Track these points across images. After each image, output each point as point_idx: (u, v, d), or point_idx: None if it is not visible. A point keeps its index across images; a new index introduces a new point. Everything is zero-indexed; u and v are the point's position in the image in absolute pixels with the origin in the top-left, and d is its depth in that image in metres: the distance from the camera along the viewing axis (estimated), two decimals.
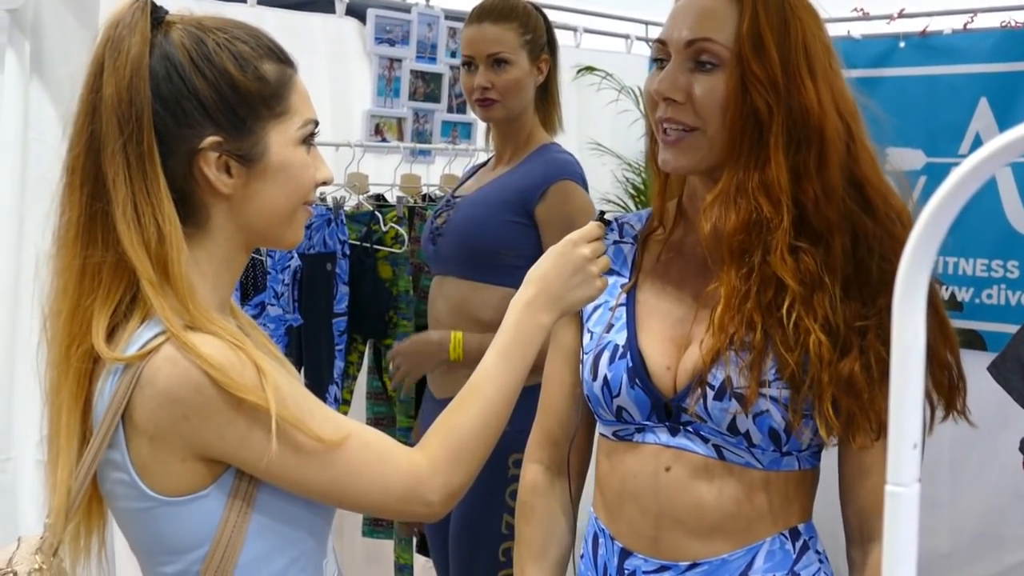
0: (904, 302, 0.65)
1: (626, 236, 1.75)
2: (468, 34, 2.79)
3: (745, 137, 1.51)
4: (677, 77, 1.53)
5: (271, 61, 1.40)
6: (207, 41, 1.36)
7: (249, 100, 1.37)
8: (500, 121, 2.80)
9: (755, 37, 1.50)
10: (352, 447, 1.36)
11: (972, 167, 0.60)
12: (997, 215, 3.91)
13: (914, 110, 3.98)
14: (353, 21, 3.81)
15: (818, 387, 1.49)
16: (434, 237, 2.82)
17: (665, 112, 1.54)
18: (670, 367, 1.59)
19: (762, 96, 1.49)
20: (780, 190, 1.50)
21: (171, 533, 1.35)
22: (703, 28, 1.53)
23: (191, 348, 1.27)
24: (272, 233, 1.44)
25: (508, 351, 1.49)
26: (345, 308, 3.31)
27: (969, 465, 3.98)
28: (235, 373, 1.28)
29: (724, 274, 1.54)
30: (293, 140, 1.40)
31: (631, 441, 1.62)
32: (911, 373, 0.65)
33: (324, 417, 1.36)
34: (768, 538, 1.58)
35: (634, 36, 4.78)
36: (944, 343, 1.54)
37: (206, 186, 1.37)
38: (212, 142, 1.34)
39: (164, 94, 1.33)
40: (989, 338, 3.85)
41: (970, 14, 3.97)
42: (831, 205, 1.51)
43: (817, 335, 1.48)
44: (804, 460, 1.59)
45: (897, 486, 0.66)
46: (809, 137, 1.51)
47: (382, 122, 3.87)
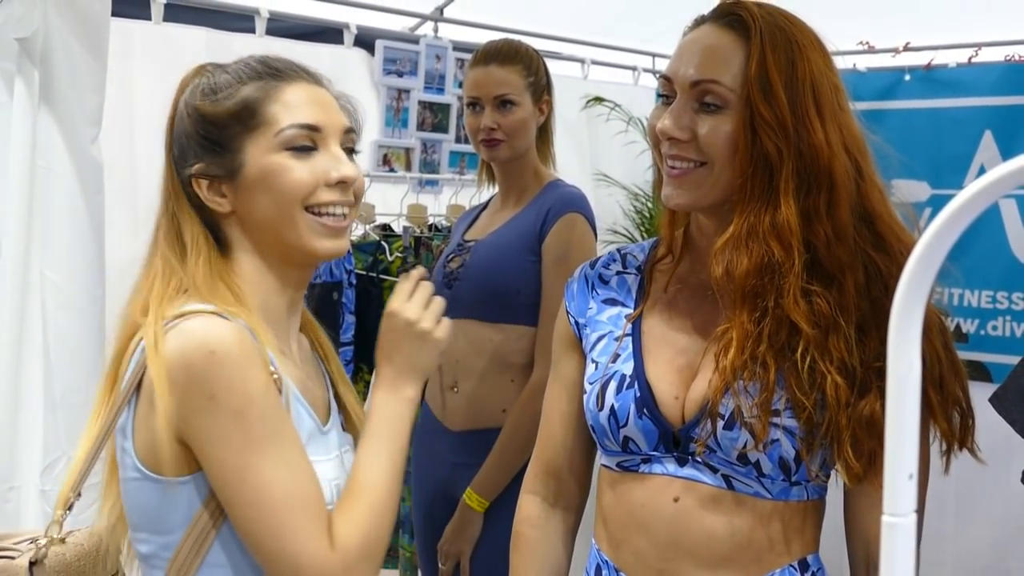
0: (899, 332, 0.65)
1: (629, 267, 1.75)
2: (474, 76, 2.83)
3: (755, 180, 1.51)
4: (681, 116, 1.54)
5: (253, 81, 1.48)
6: (198, 83, 1.50)
7: (217, 122, 1.46)
8: (504, 161, 2.82)
9: (763, 80, 1.50)
10: (284, 489, 1.34)
11: (964, 201, 0.61)
12: (1002, 247, 3.91)
13: (919, 142, 3.99)
14: (361, 52, 3.83)
15: (836, 430, 1.49)
16: (449, 282, 2.82)
17: (670, 149, 1.55)
18: (678, 397, 1.58)
19: (771, 139, 1.49)
20: (791, 233, 1.49)
21: (148, 510, 1.39)
22: (709, 69, 1.53)
23: (197, 326, 1.34)
24: (281, 240, 1.48)
25: (378, 434, 1.48)
26: (351, 337, 3.31)
27: (974, 498, 3.96)
28: (233, 367, 1.33)
29: (736, 317, 1.53)
30: (271, 147, 1.46)
31: (637, 472, 1.61)
32: (906, 403, 0.66)
33: (294, 460, 1.37)
34: (777, 570, 1.57)
35: (641, 68, 4.80)
36: (954, 378, 1.53)
37: (212, 210, 1.48)
38: (196, 168, 1.47)
39: (176, 142, 1.51)
40: (994, 369, 3.84)
41: (975, 48, 3.99)
42: (843, 246, 1.51)
43: (834, 378, 1.48)
44: (812, 490, 1.59)
45: (894, 516, 0.66)
46: (819, 179, 1.50)
47: (390, 152, 3.88)
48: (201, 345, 1.32)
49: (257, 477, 1.32)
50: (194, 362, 1.31)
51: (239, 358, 1.33)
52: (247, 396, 1.32)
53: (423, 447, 2.91)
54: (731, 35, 1.54)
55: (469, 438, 2.77)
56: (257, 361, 1.35)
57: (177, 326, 1.35)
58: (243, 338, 1.35)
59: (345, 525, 1.39)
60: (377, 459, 1.46)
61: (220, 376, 1.31)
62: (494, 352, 2.75)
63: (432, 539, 2.84)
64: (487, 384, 2.76)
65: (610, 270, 1.75)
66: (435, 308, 1.56)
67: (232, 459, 1.32)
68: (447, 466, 2.81)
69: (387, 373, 1.52)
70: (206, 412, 1.31)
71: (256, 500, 1.33)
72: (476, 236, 2.86)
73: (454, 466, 2.80)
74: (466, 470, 2.75)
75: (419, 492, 2.94)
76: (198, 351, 1.32)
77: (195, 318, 1.35)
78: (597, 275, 1.76)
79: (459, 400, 2.79)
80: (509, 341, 2.74)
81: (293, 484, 1.35)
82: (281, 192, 1.45)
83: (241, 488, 1.33)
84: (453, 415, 2.81)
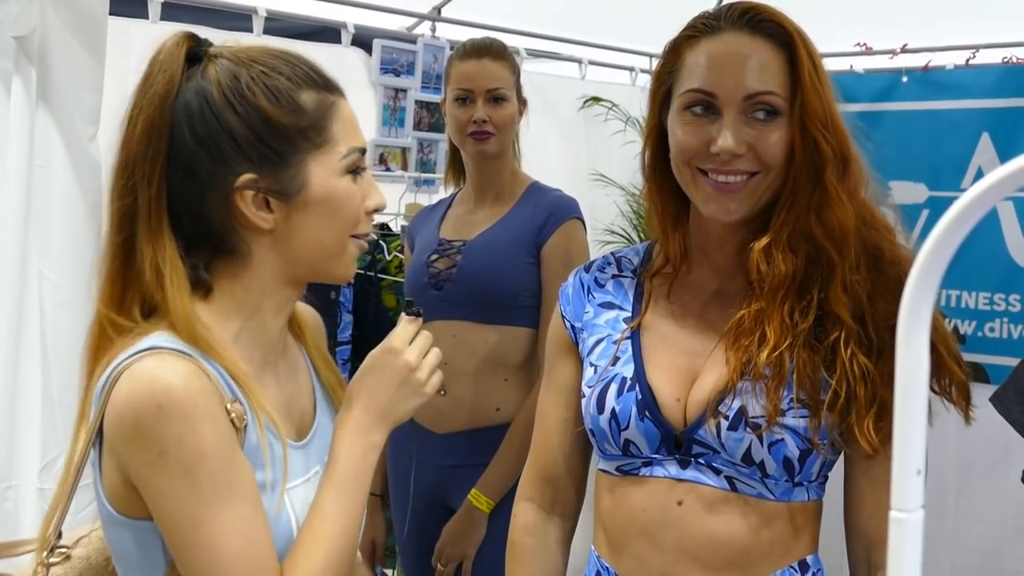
0: (908, 330, 0.65)
1: (624, 270, 1.74)
2: (467, 69, 2.81)
3: (805, 180, 1.52)
4: (739, 131, 1.52)
5: (311, 90, 1.38)
6: (241, 76, 1.35)
7: (285, 133, 1.34)
8: (490, 157, 2.81)
9: (813, 83, 1.52)
10: (234, 546, 1.28)
11: (976, 196, 0.61)
12: (999, 249, 3.91)
13: (916, 144, 3.99)
14: (359, 51, 3.83)
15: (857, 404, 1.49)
16: (438, 283, 2.80)
17: (725, 165, 1.53)
18: (680, 399, 1.58)
19: (825, 139, 1.51)
20: (842, 228, 1.52)
21: (125, 548, 1.34)
22: (761, 81, 1.52)
23: (148, 372, 1.25)
24: (322, 267, 1.41)
25: (343, 483, 1.39)
26: (349, 336, 3.31)
27: (972, 498, 3.97)
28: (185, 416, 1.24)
29: (775, 311, 1.53)
30: (337, 170, 1.37)
31: (637, 475, 1.60)
32: (915, 398, 0.66)
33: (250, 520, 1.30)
34: (778, 571, 1.57)
35: (639, 68, 4.80)
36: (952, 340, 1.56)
37: (246, 223, 1.35)
38: (247, 180, 1.33)
39: (198, 131, 1.33)
40: (992, 371, 3.84)
41: (972, 50, 3.99)
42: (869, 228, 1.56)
43: (859, 359, 1.50)
44: (813, 491, 1.59)
45: (901, 512, 0.66)
46: (848, 165, 1.55)
47: (387, 151, 3.88)
48: (150, 396, 1.23)
49: (207, 534, 1.25)
50: (143, 414, 1.23)
51: (190, 411, 1.24)
52: (198, 450, 1.24)
53: (401, 454, 2.87)
54: (768, 42, 1.54)
55: (462, 440, 2.76)
56: (210, 408, 1.26)
57: (130, 367, 1.26)
58: (194, 384, 1.25)
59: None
60: (338, 511, 1.37)
61: (169, 431, 1.23)
62: (487, 353, 2.74)
63: (424, 544, 2.81)
64: (479, 385, 2.75)
65: (605, 274, 1.75)
66: (432, 360, 1.48)
67: (181, 514, 1.25)
68: (436, 470, 2.79)
69: (361, 409, 1.43)
70: (155, 467, 1.24)
71: (206, 557, 1.26)
72: (457, 236, 2.84)
73: (445, 469, 2.78)
74: (461, 472, 2.74)
75: (402, 500, 2.90)
76: (147, 403, 1.23)
77: (150, 358, 1.26)
78: (593, 279, 1.75)
79: (448, 403, 2.75)
80: (505, 342, 2.74)
81: (244, 541, 1.27)
82: (342, 218, 1.38)
83: (190, 544, 1.26)
84: (442, 419, 2.79)
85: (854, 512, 1.61)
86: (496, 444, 2.71)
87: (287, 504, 1.37)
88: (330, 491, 1.38)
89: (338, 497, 1.38)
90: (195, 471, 1.24)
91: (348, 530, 1.37)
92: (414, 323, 1.49)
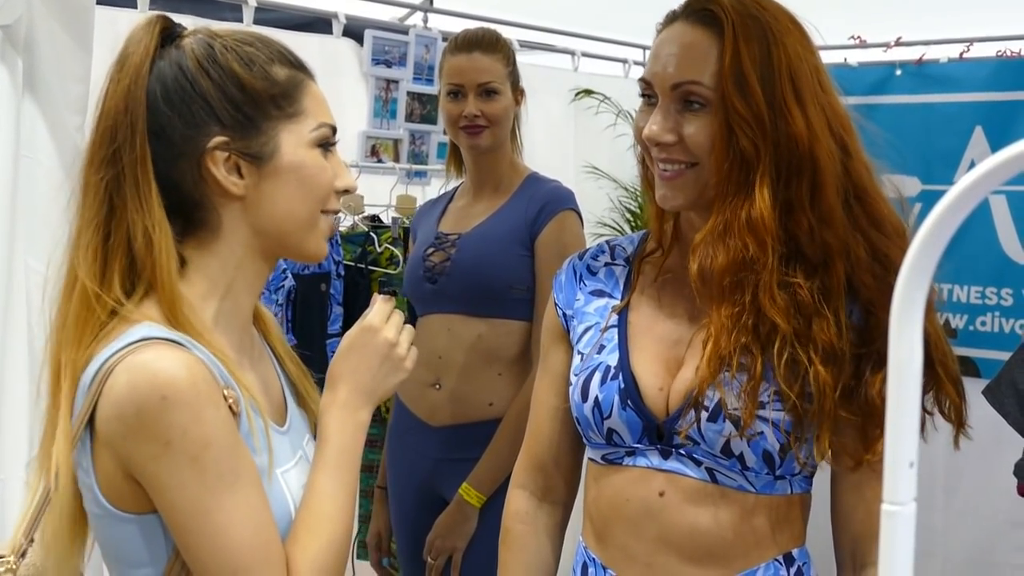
0: (901, 318, 0.64)
1: (617, 258, 1.74)
2: (457, 63, 2.80)
3: (732, 176, 1.50)
4: (666, 119, 1.52)
5: (282, 65, 1.39)
6: (215, 44, 1.37)
7: (256, 98, 1.36)
8: (484, 150, 2.80)
9: (737, 76, 1.48)
10: (242, 533, 1.28)
11: (969, 184, 0.59)
12: (991, 243, 3.91)
13: (910, 138, 3.99)
14: (350, 42, 3.81)
15: (821, 416, 1.48)
16: (433, 276, 2.79)
17: (659, 153, 1.54)
18: (662, 388, 1.57)
19: (748, 136, 1.48)
20: (765, 230, 1.48)
21: (123, 544, 1.32)
22: (687, 70, 1.51)
23: (148, 364, 1.24)
24: (292, 240, 1.41)
25: (337, 463, 1.41)
26: (339, 329, 3.30)
27: (963, 491, 3.98)
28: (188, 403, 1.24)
29: (715, 313, 1.52)
30: (307, 141, 1.38)
31: (621, 465, 1.60)
32: (907, 391, 0.64)
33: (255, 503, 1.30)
34: (762, 564, 1.56)
35: (632, 61, 4.79)
36: (952, 357, 1.54)
37: (216, 188, 1.36)
38: (218, 141, 1.34)
39: (172, 97, 1.34)
40: (983, 365, 3.84)
41: (966, 43, 3.99)
42: (829, 230, 1.50)
43: (817, 368, 1.47)
44: (797, 484, 1.58)
45: (893, 505, 0.65)
46: (801, 167, 1.49)
47: (378, 143, 3.87)
48: (152, 388, 1.23)
49: (214, 522, 1.26)
50: (146, 407, 1.22)
51: (194, 399, 1.24)
52: (203, 439, 1.24)
53: (401, 446, 2.88)
54: (705, 31, 1.52)
55: (455, 433, 2.76)
56: (212, 396, 1.26)
57: (125, 359, 1.25)
58: (196, 373, 1.26)
59: (304, 563, 1.33)
60: (336, 490, 1.39)
61: (174, 421, 1.23)
62: (481, 346, 2.73)
63: (416, 536, 2.81)
64: (472, 378, 2.74)
65: (599, 261, 1.74)
66: (408, 336, 1.50)
67: (188, 504, 1.26)
68: (430, 463, 2.79)
69: (346, 389, 1.44)
70: (161, 459, 1.23)
71: (213, 544, 1.27)
72: (455, 229, 2.83)
73: (438, 462, 2.78)
74: (453, 465, 2.74)
75: (399, 491, 2.91)
76: (150, 395, 1.22)
77: (146, 349, 1.25)
78: (585, 266, 1.75)
79: (442, 396, 2.77)
80: (498, 335, 2.73)
81: (251, 527, 1.28)
82: (312, 189, 1.38)
83: (198, 533, 1.26)
84: (436, 412, 2.79)
85: (839, 506, 1.61)
86: (488, 438, 2.70)
87: (283, 486, 1.38)
88: (325, 471, 1.40)
89: (333, 477, 1.39)
90: (201, 460, 1.25)
91: (346, 508, 1.39)
92: (389, 302, 1.51)
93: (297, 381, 1.56)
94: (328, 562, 1.35)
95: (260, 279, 1.45)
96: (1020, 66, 3.89)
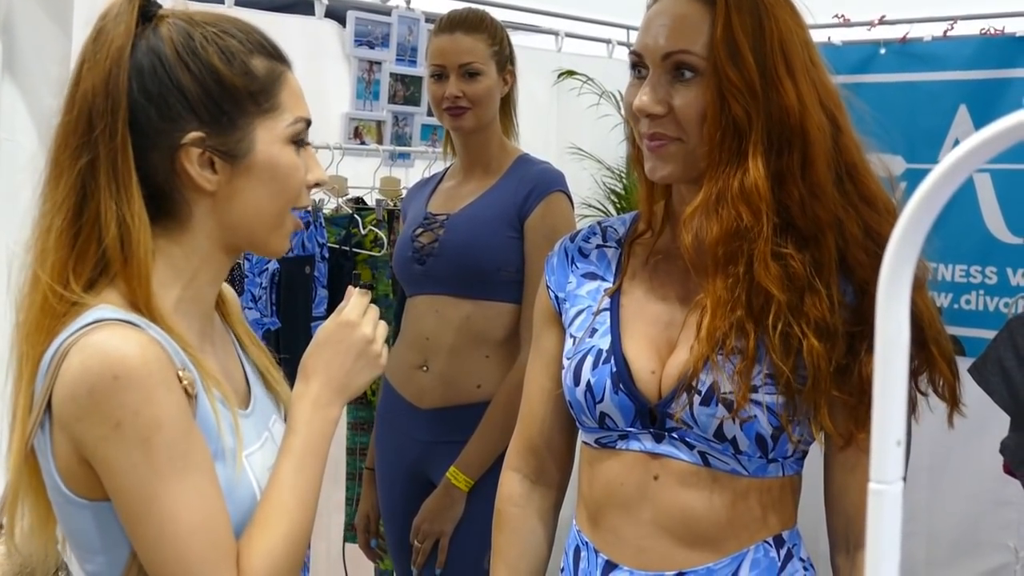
0: (888, 294, 0.63)
1: (609, 240, 1.73)
2: (439, 44, 2.79)
3: (725, 146, 1.49)
4: (657, 90, 1.51)
5: (261, 57, 1.37)
6: (195, 35, 1.34)
7: (234, 94, 1.34)
8: (469, 131, 2.79)
9: (730, 44, 1.47)
10: (191, 519, 1.25)
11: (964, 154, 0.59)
12: (976, 222, 3.92)
13: (894, 116, 3.99)
14: (332, 23, 3.78)
15: (816, 392, 1.48)
16: (421, 257, 2.78)
17: (648, 127, 1.53)
18: (655, 372, 1.56)
19: (740, 104, 1.47)
20: (759, 198, 1.47)
21: (84, 531, 1.30)
22: (679, 39, 1.50)
23: (100, 343, 1.22)
24: (258, 236, 1.40)
25: (303, 457, 1.38)
26: (324, 312, 3.28)
27: (948, 471, 3.99)
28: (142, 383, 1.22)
29: (710, 284, 1.51)
30: (281, 138, 1.37)
31: (614, 448, 1.60)
32: (895, 368, 0.64)
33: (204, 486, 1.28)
34: (753, 546, 1.56)
35: (615, 41, 4.77)
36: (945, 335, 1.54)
37: (188, 182, 1.34)
38: (194, 137, 1.32)
39: (148, 87, 1.31)
40: (968, 344, 3.85)
41: (950, 21, 3.99)
42: (820, 203, 1.49)
43: (810, 341, 1.46)
44: (788, 467, 1.58)
45: (880, 484, 0.64)
46: (791, 139, 1.49)
47: (361, 125, 3.85)
48: (104, 368, 1.21)
49: (163, 507, 1.23)
50: (98, 387, 1.20)
51: (146, 378, 1.22)
52: (155, 421, 1.22)
53: (389, 428, 2.88)
54: (697, 3, 1.51)
55: (443, 416, 2.75)
56: (165, 377, 1.24)
57: (79, 341, 1.23)
58: (149, 353, 1.23)
59: (256, 556, 1.30)
60: (297, 481, 1.36)
61: (126, 401, 1.21)
62: (469, 328, 2.72)
63: (404, 519, 2.81)
64: (460, 360, 2.73)
65: (590, 243, 1.74)
66: (383, 331, 1.48)
67: (138, 488, 1.23)
68: (418, 446, 2.79)
69: (319, 384, 1.42)
70: (111, 440, 1.21)
71: (161, 530, 1.24)
72: (444, 210, 2.82)
73: (427, 445, 2.78)
74: (441, 448, 2.73)
75: (387, 474, 2.91)
76: (102, 375, 1.20)
77: (99, 330, 1.23)
78: (577, 249, 1.74)
79: (430, 378, 2.76)
80: (486, 317, 2.72)
81: (200, 513, 1.25)
82: (283, 187, 1.37)
83: (146, 518, 1.24)
84: (424, 394, 2.78)
85: (832, 485, 1.60)
86: (476, 421, 2.69)
87: (247, 469, 1.36)
88: (289, 463, 1.38)
89: (297, 469, 1.37)
90: (152, 442, 1.22)
91: (306, 501, 1.37)
92: (365, 295, 1.49)
93: (260, 365, 1.54)
94: (283, 554, 1.32)
95: (223, 270, 1.44)
96: (1004, 44, 3.89)
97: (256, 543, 1.31)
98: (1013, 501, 3.83)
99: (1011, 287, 3.90)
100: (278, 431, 1.46)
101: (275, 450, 1.42)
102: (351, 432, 3.51)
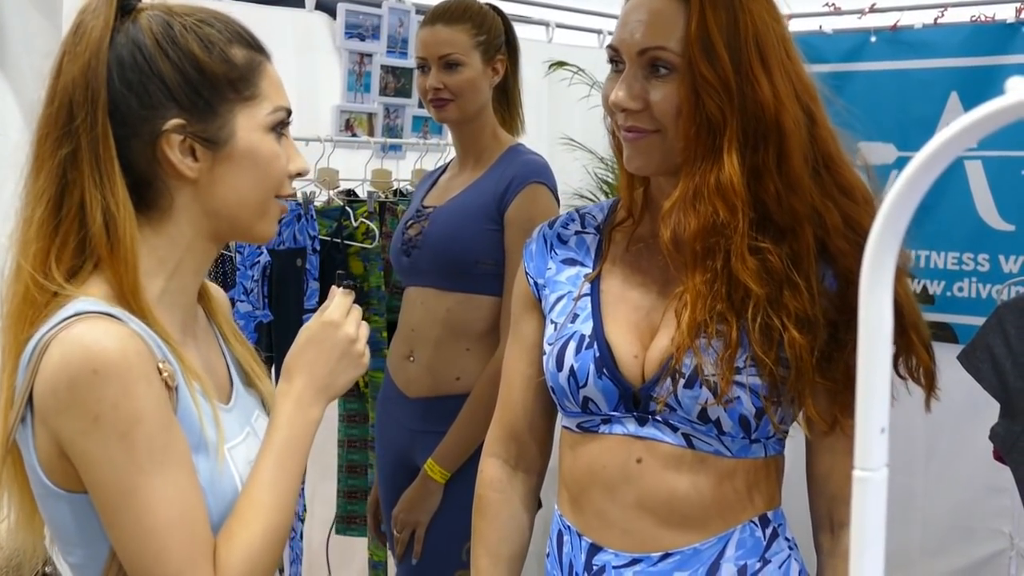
0: (871, 284, 0.63)
1: (588, 226, 1.74)
2: (421, 36, 2.80)
3: (700, 142, 1.50)
4: (632, 86, 1.53)
5: (240, 46, 1.38)
6: (174, 24, 1.35)
7: (214, 81, 1.35)
8: (456, 122, 2.79)
9: (703, 41, 1.48)
10: (168, 514, 1.25)
11: (943, 142, 0.59)
12: (968, 209, 3.92)
13: (885, 104, 3.99)
14: (323, 15, 3.78)
15: (799, 383, 1.49)
16: (408, 249, 2.80)
17: (625, 121, 1.54)
18: (638, 356, 1.58)
19: (714, 101, 1.48)
20: (735, 194, 1.49)
21: (66, 523, 1.31)
22: (654, 36, 1.51)
23: (80, 337, 1.22)
24: (241, 224, 1.41)
25: (282, 453, 1.38)
26: (315, 304, 3.28)
27: (942, 457, 4.00)
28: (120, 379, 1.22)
29: (689, 279, 1.53)
30: (262, 126, 1.38)
31: (597, 432, 1.61)
32: (878, 356, 0.64)
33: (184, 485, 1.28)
34: (738, 526, 1.57)
35: (606, 31, 4.76)
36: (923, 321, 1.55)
37: (170, 170, 1.34)
38: (175, 124, 1.32)
39: (128, 76, 1.32)
40: (960, 331, 3.86)
41: (940, 9, 3.98)
42: (796, 196, 1.50)
43: (791, 333, 1.48)
44: (771, 447, 1.59)
45: (865, 471, 0.65)
46: (767, 134, 1.50)
47: (352, 117, 3.84)
48: (84, 361, 1.21)
49: (141, 501, 1.23)
50: (78, 380, 1.21)
51: (126, 374, 1.22)
52: (134, 415, 1.22)
53: (385, 414, 2.91)
54: None
55: (426, 405, 2.77)
56: (145, 370, 1.24)
57: (59, 334, 1.23)
58: (128, 346, 1.23)
59: (232, 552, 1.30)
60: (276, 479, 1.36)
61: (105, 394, 1.21)
62: (450, 320, 2.73)
63: (393, 505, 2.83)
64: (442, 352, 2.75)
65: (569, 230, 1.74)
66: (366, 331, 1.50)
67: (116, 482, 1.23)
68: (407, 433, 2.81)
69: (301, 383, 1.43)
70: (90, 434, 1.21)
71: (138, 524, 1.24)
72: (435, 202, 2.83)
73: (413, 433, 2.80)
74: (424, 437, 2.75)
75: (382, 460, 2.94)
76: (82, 368, 1.21)
77: (79, 323, 1.24)
78: (556, 235, 1.75)
79: (416, 368, 2.79)
80: (466, 310, 2.72)
81: (178, 508, 1.25)
82: (265, 175, 1.38)
83: (123, 511, 1.24)
84: (411, 383, 2.81)
85: (815, 468, 1.62)
86: (456, 412, 2.69)
87: (229, 462, 1.36)
88: (269, 461, 1.38)
89: (276, 466, 1.38)
90: (131, 436, 1.22)
91: (285, 499, 1.37)
92: (348, 295, 1.49)
93: (243, 361, 1.55)
94: (260, 550, 1.32)
95: (207, 260, 1.44)
96: (994, 31, 3.88)
97: (234, 539, 1.31)
98: (1007, 488, 3.83)
99: (1003, 274, 3.90)
100: (261, 426, 1.46)
101: (258, 445, 1.42)
102: (343, 424, 3.51)
